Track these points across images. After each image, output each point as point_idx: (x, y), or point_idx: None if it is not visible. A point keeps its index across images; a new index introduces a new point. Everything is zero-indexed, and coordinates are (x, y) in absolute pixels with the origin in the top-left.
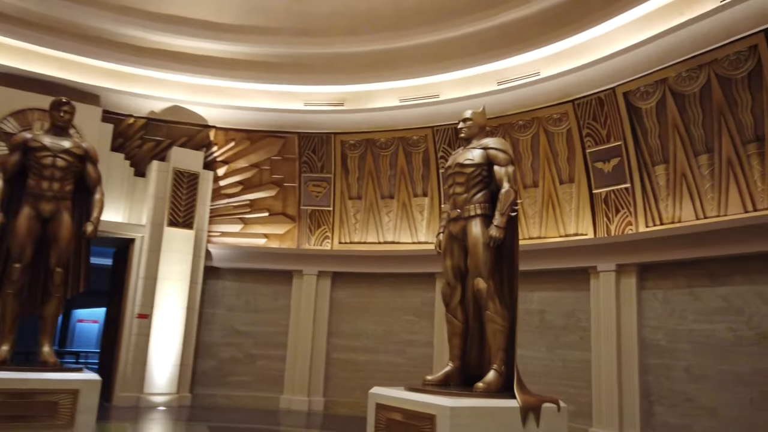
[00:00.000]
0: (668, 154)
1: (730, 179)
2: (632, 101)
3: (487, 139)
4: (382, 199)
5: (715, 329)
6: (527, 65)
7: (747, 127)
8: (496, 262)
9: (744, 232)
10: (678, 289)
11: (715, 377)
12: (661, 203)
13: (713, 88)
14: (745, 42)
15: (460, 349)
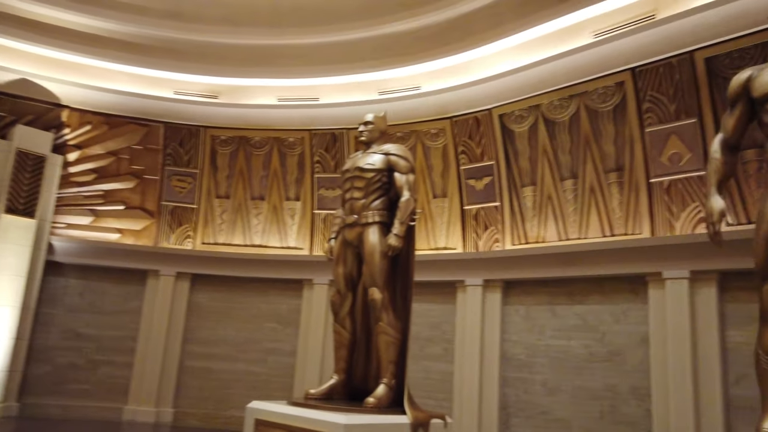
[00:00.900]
0: (537, 176)
1: (591, 204)
2: (507, 123)
3: (389, 145)
4: (252, 200)
5: (571, 345)
6: (409, 78)
7: (609, 157)
8: (391, 272)
9: (602, 254)
10: (539, 305)
11: (570, 391)
12: (528, 223)
13: (581, 118)
14: (614, 78)
15: (346, 361)
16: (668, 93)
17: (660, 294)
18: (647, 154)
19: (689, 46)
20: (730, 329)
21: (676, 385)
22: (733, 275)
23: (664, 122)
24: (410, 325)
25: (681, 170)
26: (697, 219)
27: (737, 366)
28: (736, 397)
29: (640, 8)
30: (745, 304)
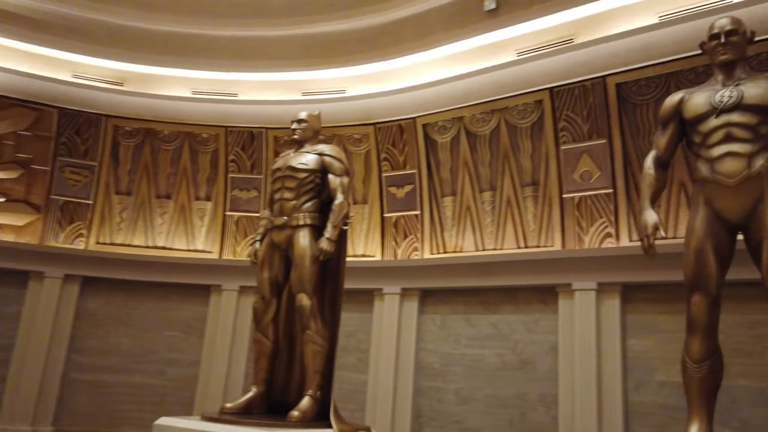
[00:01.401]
0: (457, 187)
1: (508, 216)
2: (430, 133)
3: (323, 146)
4: (157, 198)
5: (485, 354)
6: (334, 81)
7: (526, 171)
8: (320, 278)
9: (516, 265)
10: (455, 314)
11: (482, 400)
12: (447, 233)
13: (502, 132)
14: (533, 96)
15: (267, 372)
16: (582, 114)
17: (569, 304)
18: (561, 170)
19: (602, 71)
20: (631, 338)
21: (582, 391)
22: (635, 287)
23: (578, 141)
24: (339, 333)
25: (591, 187)
26: (604, 234)
27: (636, 373)
28: (635, 402)
29: (560, 31)
30: (644, 315)
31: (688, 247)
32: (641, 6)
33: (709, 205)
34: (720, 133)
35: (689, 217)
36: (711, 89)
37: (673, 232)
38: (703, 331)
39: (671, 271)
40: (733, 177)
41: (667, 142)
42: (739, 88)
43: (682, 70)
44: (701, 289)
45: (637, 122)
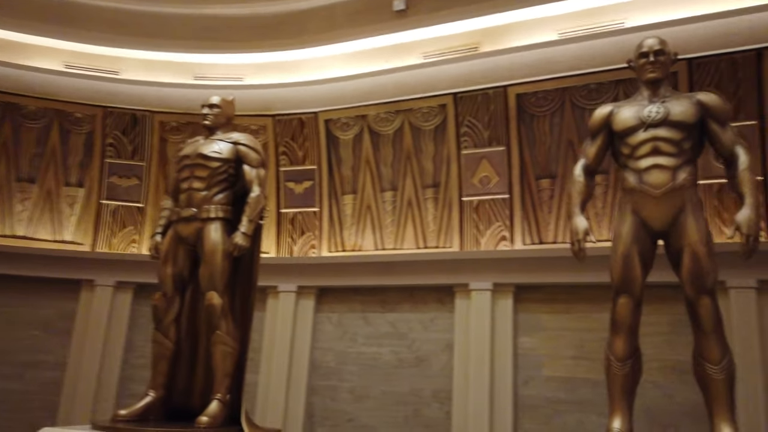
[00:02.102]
0: (358, 185)
1: (408, 217)
2: (332, 129)
3: (237, 134)
4: (17, 181)
5: (381, 352)
6: (230, 67)
7: (427, 173)
8: (232, 275)
9: (415, 265)
10: (352, 313)
11: (377, 397)
12: (346, 231)
13: (405, 133)
14: (437, 100)
15: (166, 375)
16: (483, 120)
17: (466, 303)
18: (461, 174)
19: (504, 81)
20: (522, 336)
21: (476, 387)
22: (526, 288)
23: (478, 147)
24: (250, 334)
25: (489, 192)
26: (500, 237)
27: (525, 369)
28: (523, 396)
29: (465, 39)
30: (533, 314)
31: (615, 252)
32: (542, 22)
33: (635, 213)
34: (647, 146)
35: (616, 224)
36: (638, 104)
37: (562, 236)
38: (627, 331)
39: (557, 273)
40: (659, 188)
41: (596, 152)
42: (665, 105)
43: (576, 86)
44: (627, 292)
45: (534, 133)
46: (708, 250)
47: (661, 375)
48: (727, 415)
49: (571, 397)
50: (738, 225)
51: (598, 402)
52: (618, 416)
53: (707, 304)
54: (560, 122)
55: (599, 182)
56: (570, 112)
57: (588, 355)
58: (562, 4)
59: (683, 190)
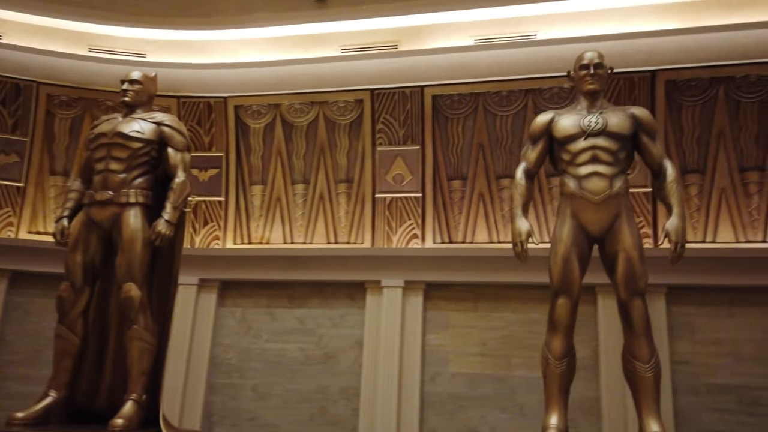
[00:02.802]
0: (268, 176)
1: (319, 211)
2: (242, 117)
3: (161, 115)
4: None
5: (287, 349)
6: (131, 41)
7: (341, 168)
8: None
9: (326, 260)
10: (258, 308)
11: (281, 395)
12: (253, 223)
13: (320, 126)
14: (354, 95)
15: (70, 373)
16: (399, 119)
17: (377, 300)
18: (375, 171)
19: (421, 81)
20: (429, 333)
21: (384, 384)
22: (435, 286)
23: (393, 144)
24: (170, 330)
25: (402, 190)
26: (411, 234)
27: (432, 366)
28: (430, 393)
29: (385, 36)
30: (441, 311)
31: (556, 254)
32: (460, 27)
33: (575, 218)
34: (587, 154)
35: (556, 227)
36: (578, 114)
37: (471, 237)
38: (565, 331)
39: (465, 272)
40: (598, 194)
41: (536, 157)
42: (603, 116)
43: (489, 92)
44: (566, 293)
45: (448, 134)
46: (640, 255)
47: None
48: (654, 410)
49: (474, 393)
50: (668, 233)
51: (500, 398)
52: (555, 413)
53: (639, 306)
54: (473, 126)
55: (508, 186)
56: (482, 117)
57: (491, 352)
58: (480, 12)
59: (619, 198)
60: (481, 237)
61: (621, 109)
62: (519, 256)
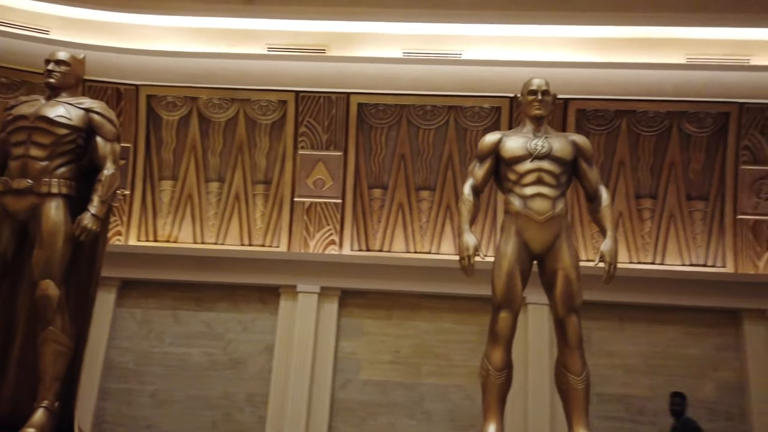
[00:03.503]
0: (179, 172)
1: (234, 212)
2: (155, 107)
3: (90, 101)
4: None
5: (191, 353)
6: (34, 16)
7: (259, 169)
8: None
9: (240, 263)
10: (161, 310)
11: (183, 401)
12: (161, 219)
13: (239, 124)
14: (278, 95)
15: None
16: (324, 123)
17: (291, 305)
18: (296, 174)
19: (347, 88)
20: (343, 340)
21: (295, 391)
22: (351, 293)
23: (316, 149)
24: (89, 333)
25: (322, 195)
26: (329, 240)
27: (344, 373)
28: (340, 400)
29: (314, 39)
30: (355, 319)
31: (500, 269)
32: (390, 39)
33: (519, 235)
34: (533, 176)
35: (501, 243)
36: (524, 136)
37: (388, 245)
38: (506, 344)
39: (381, 280)
40: (542, 214)
41: (483, 175)
42: (549, 140)
43: (414, 105)
44: (509, 307)
45: (371, 143)
46: (577, 274)
47: (466, 379)
48: (583, 419)
49: (384, 400)
50: (602, 254)
51: (409, 405)
52: (493, 422)
53: (575, 322)
54: (396, 136)
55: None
56: (406, 128)
57: (403, 360)
58: (409, 26)
59: (560, 219)
60: (399, 246)
61: (563, 135)
62: (465, 270)
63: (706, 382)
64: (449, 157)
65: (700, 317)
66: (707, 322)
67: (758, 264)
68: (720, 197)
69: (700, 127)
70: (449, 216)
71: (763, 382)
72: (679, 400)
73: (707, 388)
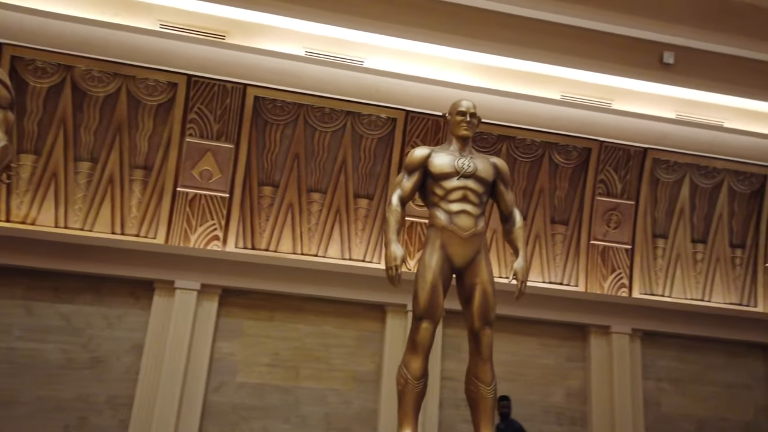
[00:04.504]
0: (44, 146)
1: (106, 196)
2: (21, 71)
3: None
4: None
5: (44, 349)
6: None
7: (140, 152)
8: None
9: (109, 252)
10: (10, 299)
11: (31, 403)
12: (16, 199)
13: (121, 101)
14: (168, 76)
15: None
16: (216, 113)
17: (167, 302)
18: (181, 162)
19: (245, 79)
20: (220, 341)
21: (165, 393)
22: (233, 292)
23: (205, 138)
24: None
25: (208, 187)
26: (211, 236)
27: (219, 375)
28: (213, 403)
29: (213, 22)
30: (235, 319)
31: (424, 281)
32: (293, 35)
33: (443, 249)
34: (459, 193)
35: (425, 255)
36: (451, 154)
37: (275, 245)
38: (425, 353)
39: (265, 280)
40: (467, 231)
41: (411, 187)
42: (473, 160)
43: (313, 105)
44: (431, 318)
45: (265, 139)
46: (493, 289)
47: (343, 384)
48: (490, 426)
49: (259, 404)
50: (515, 272)
51: (285, 408)
52: (409, 428)
53: (489, 335)
54: (291, 135)
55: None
56: (302, 128)
57: (282, 363)
58: (313, 25)
59: (481, 236)
60: (286, 247)
61: (484, 156)
62: (392, 280)
63: (556, 390)
64: (343, 162)
65: (554, 331)
66: (560, 335)
67: (603, 285)
68: (578, 223)
69: (567, 158)
70: (338, 220)
71: (603, 390)
72: (506, 402)
73: (557, 395)
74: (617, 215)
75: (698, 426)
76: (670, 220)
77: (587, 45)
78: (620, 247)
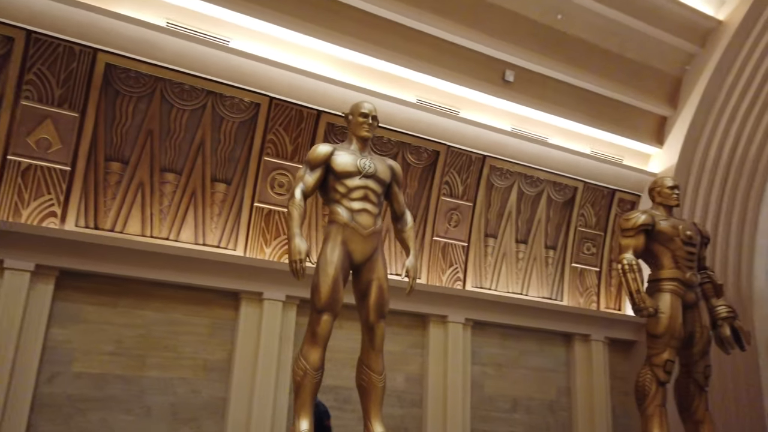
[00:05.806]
0: None
1: None
2: None
3: None
4: None
5: None
6: None
7: None
8: None
9: None
10: None
11: None
12: None
13: None
14: (2, 28)
15: None
16: (59, 76)
17: None
18: (14, 128)
19: (95, 43)
20: (55, 327)
21: None
22: (72, 274)
23: (44, 103)
24: None
25: (46, 158)
26: (48, 212)
27: (53, 364)
28: (44, 394)
29: None
30: (74, 304)
31: (326, 275)
32: (154, 2)
33: (344, 245)
34: (360, 192)
35: (327, 250)
36: (352, 154)
37: (121, 226)
38: (324, 345)
39: (108, 263)
40: (367, 229)
41: (314, 183)
42: (373, 161)
43: (172, 80)
44: (331, 311)
45: (116, 110)
46: (387, 285)
47: (192, 372)
48: (379, 414)
49: (98, 395)
50: (407, 269)
51: (127, 399)
52: (305, 419)
53: (382, 328)
54: (146, 109)
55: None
56: (158, 103)
57: (126, 351)
58: None
59: (378, 234)
60: (134, 228)
61: (382, 158)
62: (296, 273)
63: (398, 374)
64: (201, 143)
65: (399, 320)
66: (404, 323)
67: (442, 278)
68: (424, 220)
69: (418, 159)
70: (193, 203)
71: (438, 374)
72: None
73: (399, 379)
74: (457, 215)
75: (512, 404)
76: (500, 221)
77: (443, 55)
78: (458, 243)
